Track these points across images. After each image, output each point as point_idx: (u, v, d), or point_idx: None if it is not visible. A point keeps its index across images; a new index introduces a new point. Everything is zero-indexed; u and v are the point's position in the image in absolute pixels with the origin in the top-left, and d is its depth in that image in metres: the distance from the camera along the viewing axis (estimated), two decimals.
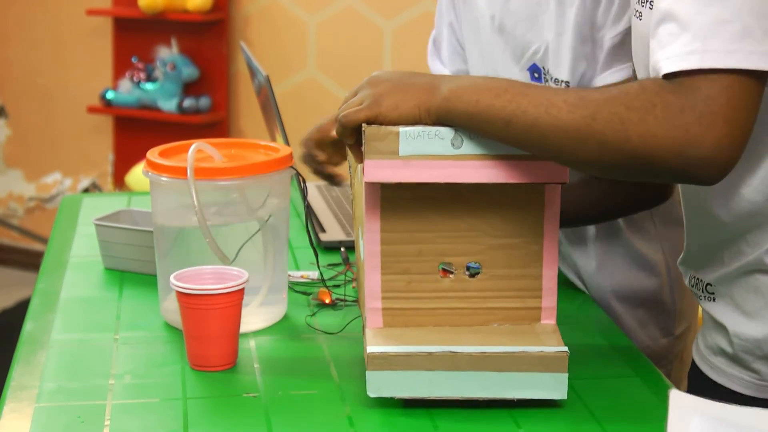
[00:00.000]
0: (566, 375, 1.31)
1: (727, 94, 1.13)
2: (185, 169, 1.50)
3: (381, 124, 1.30)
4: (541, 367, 1.31)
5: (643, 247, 1.78)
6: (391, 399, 1.34)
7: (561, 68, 1.63)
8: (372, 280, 1.37)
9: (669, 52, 1.16)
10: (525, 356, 1.31)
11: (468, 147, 1.29)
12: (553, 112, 1.21)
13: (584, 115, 1.19)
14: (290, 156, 1.59)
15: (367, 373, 1.32)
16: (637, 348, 1.55)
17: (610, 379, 1.43)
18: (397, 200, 1.35)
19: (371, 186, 1.33)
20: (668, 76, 1.16)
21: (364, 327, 1.41)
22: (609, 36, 1.59)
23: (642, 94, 1.16)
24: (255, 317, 1.58)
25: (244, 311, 1.47)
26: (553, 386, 1.31)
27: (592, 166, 1.24)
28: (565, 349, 1.31)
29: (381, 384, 1.32)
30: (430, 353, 1.31)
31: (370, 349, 1.32)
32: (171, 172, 1.52)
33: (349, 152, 1.40)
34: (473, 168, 1.30)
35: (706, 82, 1.14)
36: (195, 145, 1.54)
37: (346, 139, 1.35)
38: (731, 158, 1.15)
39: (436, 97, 1.29)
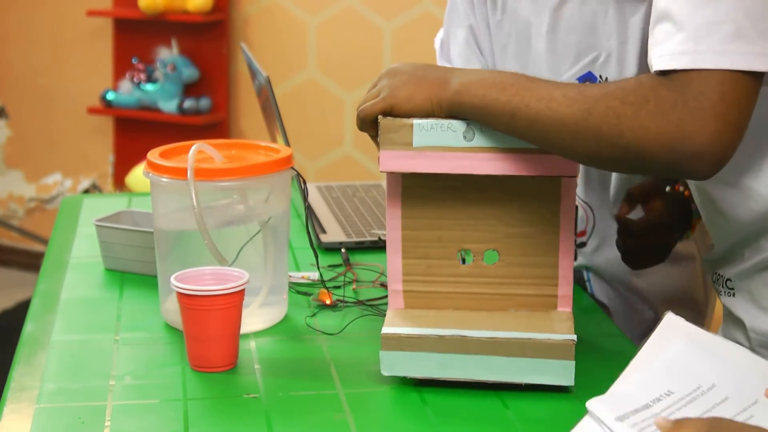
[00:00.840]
0: (573, 362, 1.34)
1: (719, 90, 1.14)
2: (186, 170, 1.50)
3: (396, 115, 1.35)
4: (549, 354, 1.33)
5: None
6: (391, 397, 1.35)
7: (626, 76, 1.62)
8: (393, 263, 1.42)
9: (662, 51, 1.17)
10: (533, 342, 1.34)
11: (480, 140, 1.33)
12: (553, 106, 1.23)
13: (581, 109, 1.21)
14: (291, 157, 1.59)
15: (381, 352, 1.36)
16: (637, 348, 1.55)
17: (607, 379, 1.42)
18: (417, 188, 1.40)
19: (392, 174, 1.39)
20: (663, 73, 1.17)
21: None
22: None
23: (638, 89, 1.18)
24: (255, 318, 1.58)
25: (244, 312, 1.47)
26: (561, 372, 1.34)
27: (590, 160, 1.27)
28: (573, 337, 1.34)
29: (393, 363, 1.36)
30: (441, 336, 1.34)
31: (385, 329, 1.37)
32: (171, 173, 1.52)
33: None
34: (484, 160, 1.33)
35: (699, 78, 1.14)
36: (195, 146, 1.54)
37: (366, 132, 1.40)
38: (724, 154, 1.15)
39: (447, 90, 1.33)
